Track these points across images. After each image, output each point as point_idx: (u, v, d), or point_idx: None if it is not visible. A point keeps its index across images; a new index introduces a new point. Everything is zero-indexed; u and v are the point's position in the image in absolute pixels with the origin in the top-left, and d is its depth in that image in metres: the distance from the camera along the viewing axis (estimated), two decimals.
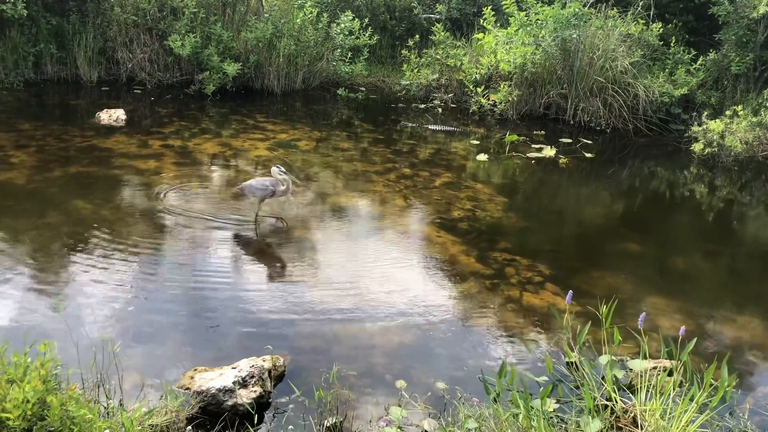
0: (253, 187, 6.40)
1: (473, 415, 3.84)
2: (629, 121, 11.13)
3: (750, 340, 5.16)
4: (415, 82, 12.71)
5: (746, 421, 4.08)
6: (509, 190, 8.45)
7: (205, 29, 11.47)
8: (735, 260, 7.07)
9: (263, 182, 6.38)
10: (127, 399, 3.84)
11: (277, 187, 6.32)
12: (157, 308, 4.93)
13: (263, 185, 6.35)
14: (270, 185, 6.33)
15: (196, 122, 9.95)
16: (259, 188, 6.36)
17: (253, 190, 6.39)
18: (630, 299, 5.61)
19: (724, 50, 11.08)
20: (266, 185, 6.34)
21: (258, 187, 6.36)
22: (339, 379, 4.08)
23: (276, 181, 6.32)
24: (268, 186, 6.34)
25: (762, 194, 9.19)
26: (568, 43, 10.99)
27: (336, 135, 10.06)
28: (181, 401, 3.78)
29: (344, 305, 5.17)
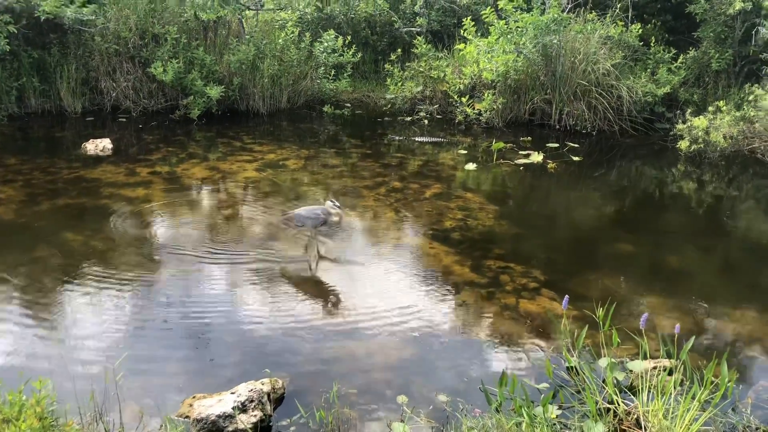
0: (302, 216, 6.24)
1: (476, 427, 3.82)
2: (614, 123, 11.20)
3: (748, 335, 5.17)
4: (400, 96, 12.76)
5: (749, 416, 4.07)
6: (499, 197, 8.47)
7: (188, 54, 11.48)
8: (728, 255, 7.09)
9: (314, 211, 6.23)
10: (127, 431, 3.80)
11: (329, 216, 6.20)
12: (153, 337, 4.89)
13: (315, 214, 6.20)
14: (321, 214, 6.19)
15: (182, 147, 9.94)
16: (310, 217, 6.21)
17: (303, 219, 6.24)
18: (626, 300, 5.62)
19: (704, 47, 11.19)
20: (317, 214, 6.20)
21: (308, 216, 6.21)
22: (339, 398, 4.06)
23: (327, 211, 6.20)
24: (319, 215, 6.19)
25: (750, 187, 9.25)
26: (549, 48, 11.07)
27: (324, 152, 10.07)
28: (180, 430, 3.74)
29: (341, 323, 5.15)
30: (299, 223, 6.31)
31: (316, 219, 6.21)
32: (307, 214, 6.23)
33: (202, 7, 11.39)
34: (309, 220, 6.22)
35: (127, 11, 11.46)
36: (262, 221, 7.25)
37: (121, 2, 11.57)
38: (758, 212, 8.42)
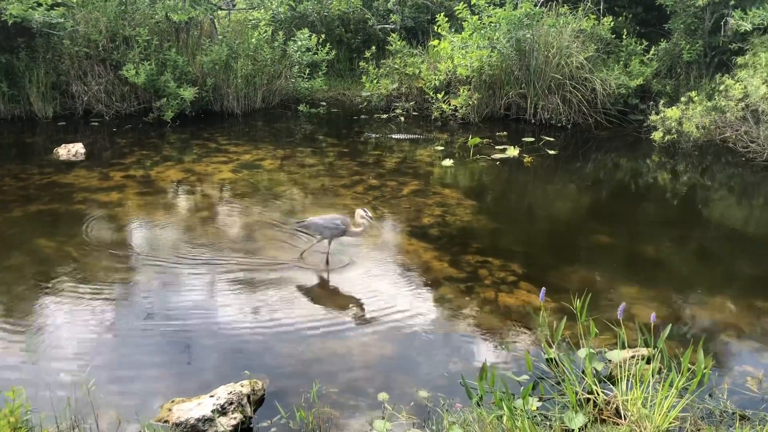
0: (319, 225, 5.91)
1: (457, 421, 3.83)
2: (589, 116, 11.28)
3: (724, 321, 5.23)
4: (376, 93, 12.73)
5: (725, 401, 4.12)
6: (477, 192, 8.48)
7: (160, 56, 11.36)
8: (703, 243, 7.17)
9: (333, 221, 5.88)
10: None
11: (350, 227, 5.86)
12: (130, 343, 4.82)
13: (333, 224, 5.85)
14: (341, 224, 5.83)
15: (157, 150, 9.83)
16: (328, 227, 5.87)
17: (320, 228, 5.91)
18: (604, 291, 5.66)
19: (675, 39, 11.30)
20: (336, 224, 5.85)
21: (326, 226, 5.87)
22: (320, 398, 4.04)
23: (349, 221, 5.87)
24: (339, 225, 5.84)
25: (723, 176, 9.37)
26: (522, 43, 11.11)
27: (300, 151, 10.02)
28: None
29: (320, 321, 5.13)
30: (316, 231, 5.98)
31: (335, 229, 5.85)
32: (326, 223, 5.87)
33: (173, 8, 11.27)
34: (327, 230, 5.87)
35: (97, 14, 11.31)
36: (238, 223, 7.20)
37: (90, 5, 11.42)
38: (731, 201, 8.53)
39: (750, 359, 4.71)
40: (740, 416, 3.98)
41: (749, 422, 3.92)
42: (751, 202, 8.44)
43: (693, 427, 3.83)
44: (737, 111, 9.49)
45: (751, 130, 9.48)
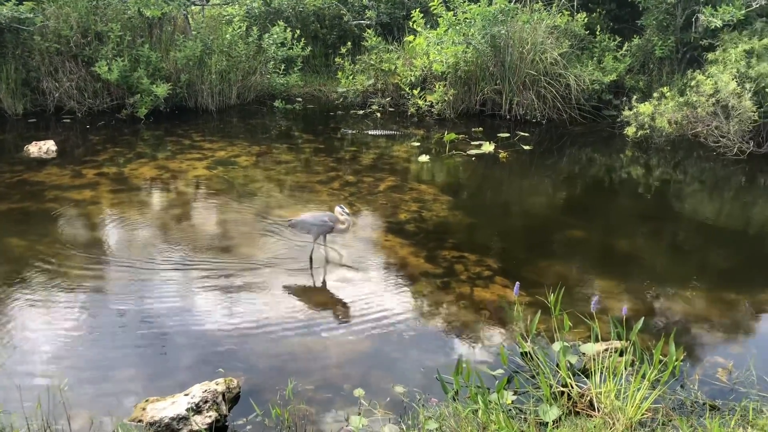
0: (307, 222, 5.97)
1: (433, 416, 3.85)
2: (563, 111, 11.36)
3: (695, 313, 5.31)
4: (352, 89, 12.70)
5: (696, 392, 4.19)
6: (453, 188, 8.51)
7: (133, 52, 11.21)
8: (675, 237, 7.27)
9: (321, 218, 5.94)
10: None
11: (337, 224, 5.91)
12: (104, 342, 4.77)
13: (321, 221, 5.91)
14: (329, 220, 5.90)
15: (130, 147, 9.72)
16: (315, 224, 5.92)
17: (308, 226, 5.97)
18: (578, 285, 5.71)
19: (647, 35, 11.42)
20: (324, 221, 5.90)
21: (314, 223, 5.93)
22: (296, 395, 4.04)
23: (335, 218, 5.91)
24: (326, 221, 5.89)
25: (695, 171, 9.50)
26: (497, 39, 11.16)
27: (276, 148, 9.97)
28: None
29: (296, 318, 5.11)
30: (304, 229, 6.03)
31: (323, 226, 5.91)
32: (313, 220, 5.94)
33: (146, 3, 11.13)
34: (315, 227, 5.93)
35: (68, 9, 11.12)
36: (213, 221, 7.15)
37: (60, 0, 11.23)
38: (703, 195, 8.66)
39: (720, 350, 4.79)
40: (710, 406, 4.05)
41: (719, 412, 3.99)
42: (722, 195, 8.57)
43: (665, 417, 3.88)
44: (708, 106, 9.62)
45: (722, 125, 9.63)
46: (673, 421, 3.86)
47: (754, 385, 4.28)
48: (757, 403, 4.05)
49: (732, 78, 9.40)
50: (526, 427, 3.70)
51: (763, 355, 4.67)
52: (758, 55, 9.76)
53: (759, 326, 5.22)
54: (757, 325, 5.23)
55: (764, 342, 4.98)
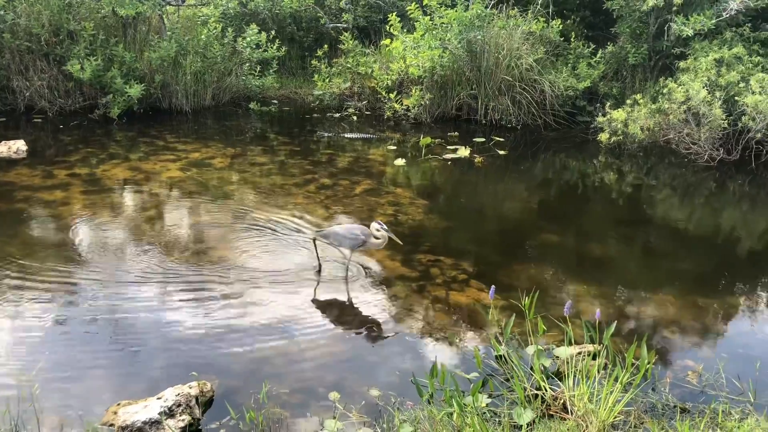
0: (339, 234, 5.75)
1: (408, 419, 3.85)
2: (538, 117, 11.47)
3: (666, 318, 5.38)
4: (328, 92, 12.69)
5: (667, 394, 4.25)
6: (428, 192, 8.53)
7: (106, 51, 11.08)
8: (647, 242, 7.37)
9: (352, 231, 5.72)
10: None
11: (369, 238, 5.69)
12: (75, 345, 4.69)
13: (353, 234, 5.69)
14: (361, 234, 5.68)
15: (103, 148, 9.58)
16: (348, 237, 5.70)
17: (340, 238, 5.74)
18: (552, 289, 5.76)
19: (621, 42, 11.57)
20: (356, 234, 5.68)
21: (346, 236, 5.70)
22: (270, 398, 4.01)
23: (369, 233, 5.70)
24: (358, 235, 5.68)
25: (667, 177, 9.64)
26: (473, 44, 11.23)
27: (251, 150, 9.91)
28: None
29: (271, 322, 5.08)
30: (336, 241, 5.79)
31: (355, 240, 5.69)
32: (345, 233, 5.74)
33: (120, 2, 10.99)
34: (347, 240, 5.71)
35: (39, 6, 10.94)
36: (187, 223, 7.08)
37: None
38: (674, 200, 8.79)
39: (691, 354, 4.86)
40: (681, 409, 4.11)
41: (689, 415, 4.05)
42: (693, 202, 8.71)
43: (637, 420, 3.93)
44: (680, 113, 9.79)
45: (693, 132, 9.79)
46: (645, 423, 3.91)
47: (723, 387, 4.35)
48: (726, 405, 4.11)
49: (703, 86, 9.57)
50: (501, 430, 3.72)
51: (731, 359, 4.75)
52: (728, 64, 9.96)
53: (728, 330, 5.31)
54: (726, 329, 5.32)
55: (733, 346, 5.06)
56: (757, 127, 9.33)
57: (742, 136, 9.66)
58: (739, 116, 9.58)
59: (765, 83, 9.42)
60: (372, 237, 5.70)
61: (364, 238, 5.69)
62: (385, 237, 5.67)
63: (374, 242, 5.72)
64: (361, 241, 5.69)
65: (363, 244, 5.73)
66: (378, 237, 5.68)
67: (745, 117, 9.42)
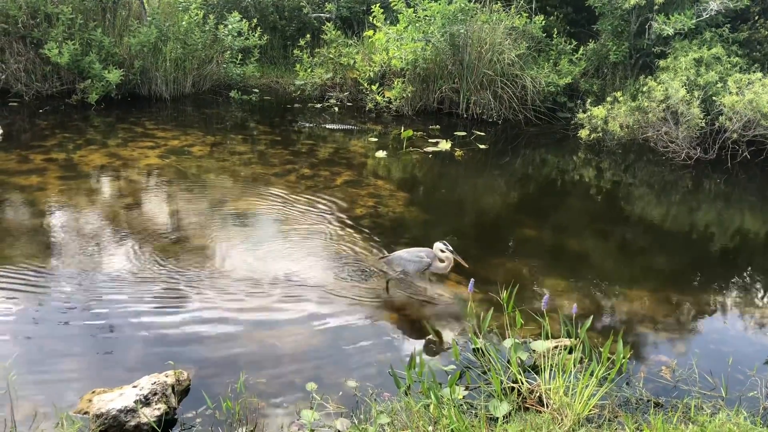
0: (404, 259, 5.51)
1: (385, 410, 3.85)
2: (519, 112, 11.51)
3: (642, 313, 5.45)
4: (310, 82, 12.62)
5: (641, 389, 4.31)
6: (409, 184, 8.54)
7: (85, 35, 10.90)
8: (624, 238, 7.45)
9: (417, 254, 5.49)
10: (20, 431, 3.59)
11: (435, 261, 5.46)
12: (49, 333, 4.63)
13: (418, 257, 5.46)
14: (426, 257, 5.45)
15: (80, 133, 9.45)
16: (412, 261, 5.47)
17: (404, 262, 5.50)
18: (529, 283, 5.80)
19: (602, 40, 11.64)
20: (421, 257, 5.45)
21: (411, 260, 5.47)
22: (247, 388, 3.99)
23: (434, 255, 5.47)
24: (423, 258, 5.45)
25: (645, 174, 9.74)
26: (456, 38, 11.23)
27: (231, 138, 9.83)
28: (78, 427, 3.57)
29: (249, 312, 5.05)
30: (400, 266, 5.57)
31: (419, 263, 5.46)
32: (410, 257, 5.50)
33: None
34: (411, 264, 5.48)
35: None
36: (165, 210, 7.01)
37: None
38: (651, 198, 8.88)
39: (665, 349, 4.93)
40: (654, 403, 4.17)
41: (662, 409, 4.10)
42: (670, 199, 8.81)
43: (611, 414, 3.98)
44: (659, 112, 9.88)
45: (671, 130, 9.90)
46: (619, 417, 3.96)
47: (696, 382, 4.42)
48: (699, 400, 4.18)
49: (682, 85, 9.67)
50: (477, 422, 3.74)
51: (704, 355, 4.82)
52: (707, 63, 10.07)
53: (701, 326, 5.39)
54: (700, 325, 5.40)
55: (706, 341, 5.14)
56: (734, 127, 9.45)
57: (719, 136, 9.78)
58: (716, 116, 9.71)
59: (742, 84, 9.54)
60: (437, 260, 5.48)
61: (429, 261, 5.47)
62: (450, 259, 5.44)
63: (439, 265, 5.47)
64: (426, 264, 5.47)
65: (428, 267, 5.50)
66: (443, 259, 5.46)
67: (722, 117, 9.54)
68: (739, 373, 4.56)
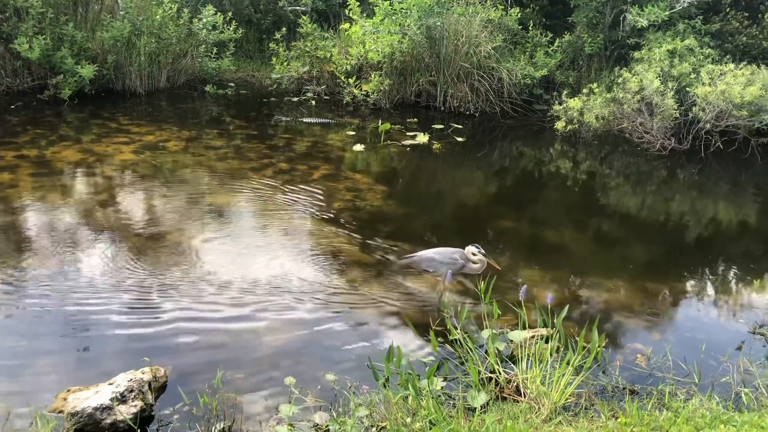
0: (435, 261, 5.36)
1: (364, 403, 3.86)
2: (496, 104, 11.55)
3: (617, 301, 5.51)
4: (286, 76, 12.55)
5: (617, 377, 4.36)
6: (387, 178, 8.54)
7: (56, 30, 10.74)
8: (600, 228, 7.52)
9: (450, 255, 5.35)
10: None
11: (468, 263, 5.36)
12: (22, 332, 4.56)
13: (451, 258, 5.32)
14: (459, 258, 5.34)
15: (53, 129, 9.31)
16: (445, 263, 5.31)
17: (436, 265, 5.35)
18: (507, 274, 5.82)
19: (578, 32, 11.72)
20: (454, 258, 5.33)
21: (444, 262, 5.33)
22: (225, 383, 3.97)
23: (465, 256, 5.37)
24: (457, 259, 5.32)
25: (620, 165, 9.84)
26: (432, 30, 11.23)
27: (207, 133, 9.75)
28: (53, 426, 3.53)
29: (226, 308, 5.02)
30: (429, 268, 5.43)
31: (453, 264, 5.31)
32: (442, 258, 5.36)
33: None
34: (444, 266, 5.31)
35: None
36: (140, 206, 6.94)
37: None
38: (627, 188, 8.97)
39: (640, 337, 4.99)
40: (630, 391, 4.22)
41: (637, 396, 4.16)
42: (645, 189, 8.91)
43: (587, 402, 4.02)
44: (633, 103, 9.98)
45: (646, 121, 10.00)
46: (595, 405, 4.00)
47: (670, 369, 4.48)
48: (673, 386, 4.24)
49: (656, 76, 9.76)
50: (455, 413, 3.76)
51: (679, 342, 4.89)
52: (680, 55, 10.18)
53: (675, 314, 5.47)
54: (674, 314, 5.48)
55: (680, 329, 5.21)
56: (707, 118, 9.57)
57: (692, 127, 9.90)
58: (690, 107, 9.82)
59: (715, 75, 9.66)
60: (469, 262, 5.39)
61: (463, 263, 5.36)
62: (483, 261, 5.36)
63: (472, 267, 5.36)
64: (460, 265, 5.36)
65: (462, 268, 5.39)
66: (475, 262, 5.38)
67: (695, 108, 9.66)
68: (712, 359, 4.63)
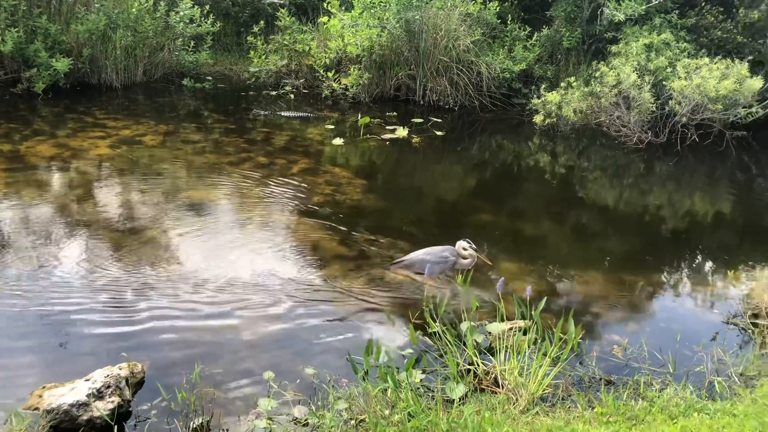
0: (426, 261, 5.30)
1: (343, 396, 3.86)
2: (475, 98, 11.59)
3: (595, 293, 5.56)
4: (265, 69, 12.48)
5: (594, 368, 4.40)
6: (367, 172, 8.53)
7: (29, 23, 10.57)
8: (578, 222, 7.58)
9: (440, 254, 5.36)
10: None
11: (459, 259, 5.39)
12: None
13: (442, 258, 5.33)
14: (450, 255, 5.36)
15: (27, 124, 9.18)
16: (437, 263, 5.30)
17: (429, 266, 5.22)
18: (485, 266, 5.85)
19: (556, 26, 11.79)
20: (445, 257, 5.35)
21: (436, 262, 5.31)
22: (203, 378, 3.95)
23: (456, 252, 5.41)
24: (447, 257, 5.35)
25: (598, 158, 9.92)
26: (411, 24, 11.22)
27: (184, 127, 9.67)
28: (28, 422, 3.49)
29: (205, 303, 4.99)
30: (421, 269, 5.34)
31: (445, 263, 5.34)
32: (434, 258, 5.34)
33: None
34: (437, 266, 5.31)
35: None
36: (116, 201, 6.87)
37: None
38: (604, 181, 9.05)
39: (617, 329, 5.04)
40: (606, 381, 4.27)
41: (614, 386, 4.21)
42: (622, 182, 9.00)
43: (564, 393, 4.06)
44: (611, 97, 10.06)
45: (623, 115, 10.09)
46: (572, 395, 4.04)
47: (646, 360, 4.54)
48: (648, 376, 4.30)
49: (633, 70, 9.85)
50: (434, 405, 3.78)
51: (654, 333, 4.96)
52: (657, 49, 10.27)
53: (651, 306, 5.54)
54: (650, 305, 5.55)
55: (656, 320, 5.28)
56: (683, 111, 9.68)
57: (669, 120, 10.01)
58: (666, 100, 9.93)
59: (690, 68, 9.77)
60: (460, 257, 5.44)
61: (454, 259, 5.40)
62: (473, 256, 5.41)
63: (462, 263, 5.41)
64: (451, 263, 5.40)
65: (453, 266, 5.43)
66: (466, 257, 5.42)
67: (671, 101, 9.76)
68: (686, 349, 4.70)
